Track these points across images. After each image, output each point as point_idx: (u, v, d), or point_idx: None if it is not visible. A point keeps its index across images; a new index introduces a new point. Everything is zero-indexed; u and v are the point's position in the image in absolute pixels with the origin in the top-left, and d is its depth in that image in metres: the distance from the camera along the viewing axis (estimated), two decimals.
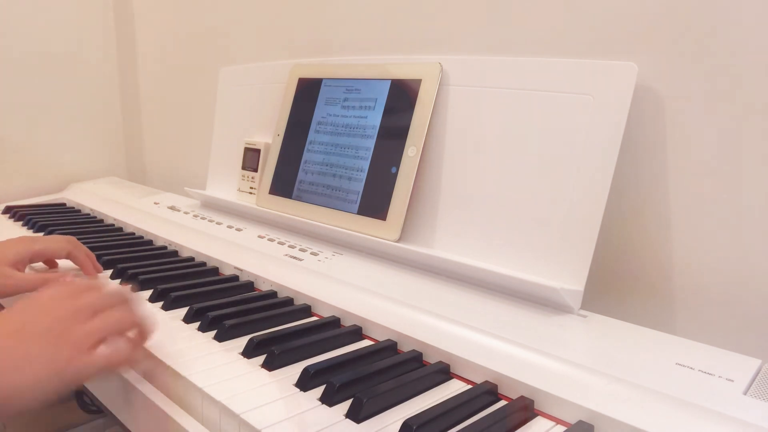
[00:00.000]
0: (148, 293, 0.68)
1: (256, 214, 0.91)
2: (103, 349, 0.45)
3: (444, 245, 0.70)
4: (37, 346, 0.42)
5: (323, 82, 0.86)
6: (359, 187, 0.77)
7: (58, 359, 0.42)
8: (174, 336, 0.57)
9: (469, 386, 0.50)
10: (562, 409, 0.45)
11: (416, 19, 0.84)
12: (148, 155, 1.50)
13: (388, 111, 0.76)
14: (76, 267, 0.75)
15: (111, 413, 0.56)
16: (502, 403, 0.47)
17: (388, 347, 0.55)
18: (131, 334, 0.50)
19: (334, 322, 0.61)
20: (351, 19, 0.94)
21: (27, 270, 0.72)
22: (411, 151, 0.72)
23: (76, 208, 1.20)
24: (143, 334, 0.50)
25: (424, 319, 0.57)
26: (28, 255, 0.70)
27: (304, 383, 0.48)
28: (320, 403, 0.46)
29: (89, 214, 1.13)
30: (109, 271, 0.76)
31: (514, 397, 0.47)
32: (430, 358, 0.53)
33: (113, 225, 1.03)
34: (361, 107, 0.80)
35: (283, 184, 0.88)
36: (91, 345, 0.44)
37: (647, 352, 0.50)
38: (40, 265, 0.77)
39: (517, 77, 0.65)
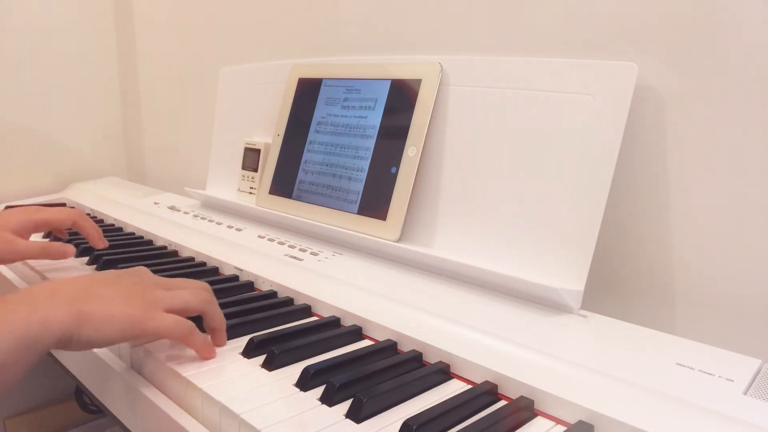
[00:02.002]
0: None
1: (256, 214, 0.91)
2: (170, 316, 0.50)
3: (444, 245, 0.70)
4: (120, 291, 0.50)
5: (323, 82, 0.86)
6: (359, 187, 0.77)
7: (134, 305, 0.49)
8: None
9: (469, 386, 0.50)
10: (562, 409, 0.45)
11: (416, 19, 0.84)
12: (148, 155, 1.50)
13: (388, 111, 0.76)
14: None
15: (111, 413, 0.56)
16: (502, 403, 0.47)
17: (388, 347, 0.55)
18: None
19: (334, 322, 0.61)
20: (351, 19, 0.94)
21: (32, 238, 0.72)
22: (411, 151, 0.72)
23: (76, 208, 1.20)
24: (214, 321, 0.54)
25: (424, 319, 0.57)
26: (31, 223, 0.69)
27: (304, 383, 0.48)
28: (320, 403, 0.46)
29: (89, 214, 1.13)
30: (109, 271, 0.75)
31: (514, 397, 0.47)
32: (430, 358, 0.53)
33: (113, 225, 1.03)
34: (361, 107, 0.80)
35: (283, 184, 0.88)
36: (163, 308, 0.50)
37: (647, 352, 0.50)
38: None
39: (518, 77, 0.65)
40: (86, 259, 0.80)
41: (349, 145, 0.80)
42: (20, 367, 0.43)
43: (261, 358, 0.53)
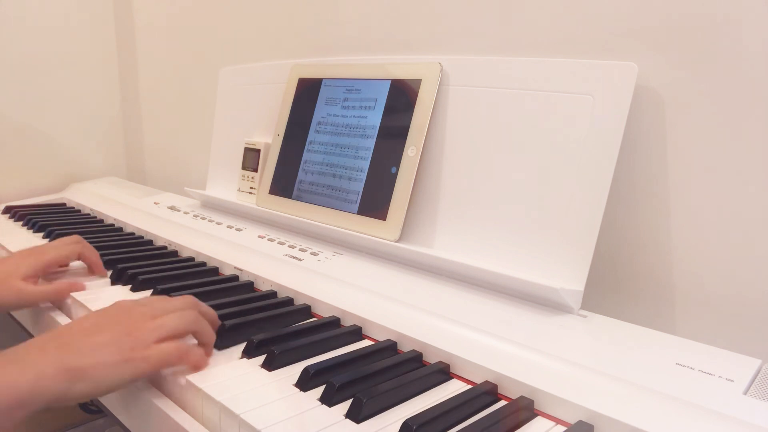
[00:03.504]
0: (148, 293, 0.68)
1: (256, 214, 0.91)
2: (164, 346, 0.49)
3: (444, 245, 0.70)
4: (108, 337, 0.48)
5: (323, 82, 0.86)
6: (359, 187, 0.77)
7: (124, 348, 0.47)
8: None
9: (469, 386, 0.50)
10: (562, 409, 0.45)
11: (416, 19, 0.84)
12: (148, 155, 1.50)
13: (388, 111, 0.76)
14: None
15: (111, 413, 0.56)
16: (502, 403, 0.47)
17: (388, 347, 0.55)
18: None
19: (334, 322, 0.61)
20: (351, 19, 0.94)
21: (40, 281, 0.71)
22: (411, 151, 0.72)
23: (76, 208, 1.20)
24: (204, 337, 0.53)
25: (424, 319, 0.57)
26: (41, 267, 0.69)
27: (304, 383, 0.48)
28: (320, 403, 0.46)
29: (89, 214, 1.13)
30: (109, 271, 0.76)
31: (514, 397, 0.47)
32: (430, 358, 0.53)
33: (113, 225, 1.03)
34: (361, 107, 0.80)
35: (283, 184, 0.88)
36: (153, 341, 0.49)
37: (647, 352, 0.50)
38: None
39: (518, 77, 0.65)
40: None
41: (349, 145, 0.80)
42: (8, 426, 0.43)
43: (261, 359, 0.53)
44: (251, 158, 0.96)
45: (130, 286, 0.70)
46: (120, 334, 0.49)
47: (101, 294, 0.68)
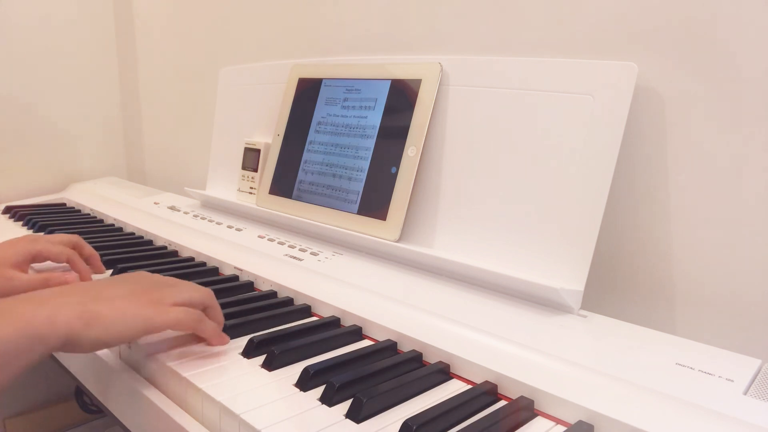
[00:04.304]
0: None
1: (256, 214, 0.91)
2: (180, 308, 0.51)
3: (444, 245, 0.70)
4: (127, 289, 0.51)
5: (323, 82, 0.86)
6: (359, 187, 0.77)
7: (141, 302, 0.50)
8: (174, 336, 0.57)
9: (469, 386, 0.50)
10: (562, 409, 0.45)
11: (416, 19, 0.84)
12: (148, 155, 1.50)
13: (388, 111, 0.76)
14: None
15: (111, 413, 0.56)
16: (502, 403, 0.47)
17: (388, 347, 0.55)
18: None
19: (334, 322, 0.61)
20: (351, 19, 0.94)
21: (30, 270, 0.72)
22: (411, 151, 0.72)
23: (76, 208, 1.20)
24: (217, 316, 0.56)
25: (424, 319, 0.57)
26: (29, 255, 0.69)
27: (304, 383, 0.48)
28: (320, 403, 0.46)
29: (89, 214, 1.13)
30: (109, 271, 0.76)
31: (514, 397, 0.47)
32: (430, 358, 0.53)
33: (113, 225, 1.03)
34: (361, 107, 0.80)
35: (283, 184, 0.88)
36: (170, 303, 0.51)
37: (647, 352, 0.50)
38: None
39: (518, 77, 0.65)
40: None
41: (349, 145, 0.80)
42: (20, 362, 0.42)
43: (261, 358, 0.53)
44: (251, 158, 0.96)
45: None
46: (139, 291, 0.51)
47: None
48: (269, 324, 0.60)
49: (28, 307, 0.44)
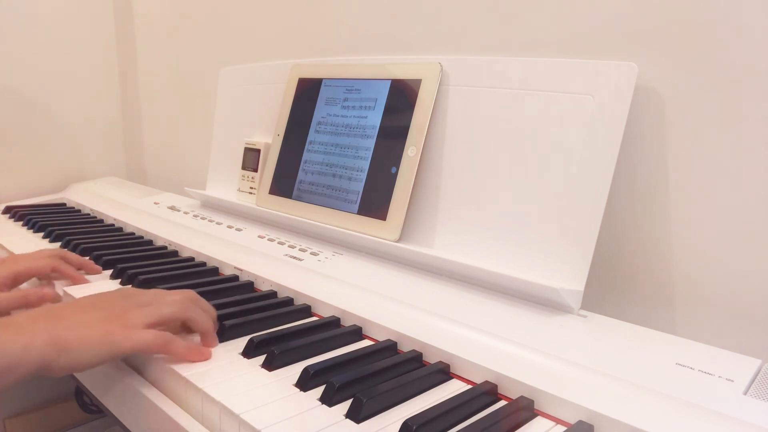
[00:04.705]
0: None
1: (256, 214, 0.91)
2: (147, 331, 0.51)
3: (444, 245, 0.70)
4: (97, 315, 0.51)
5: (323, 82, 0.86)
6: (359, 187, 0.77)
7: (111, 328, 0.49)
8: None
9: (469, 386, 0.50)
10: (562, 409, 0.45)
11: (416, 19, 0.84)
12: (148, 155, 1.50)
13: (388, 111, 0.76)
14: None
15: (111, 413, 0.56)
16: (502, 403, 0.47)
17: (388, 347, 0.55)
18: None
19: (334, 322, 0.61)
20: (351, 19, 0.94)
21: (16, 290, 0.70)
22: (411, 151, 0.72)
23: (76, 208, 1.20)
24: (199, 325, 0.55)
25: (424, 319, 0.57)
26: (11, 276, 0.68)
27: (304, 383, 0.48)
28: (320, 403, 0.46)
29: (89, 214, 1.13)
30: (109, 271, 0.76)
31: (514, 397, 0.47)
32: (430, 358, 0.53)
33: (113, 225, 1.03)
34: (361, 107, 0.80)
35: (283, 184, 0.88)
36: (140, 325, 0.51)
37: (647, 352, 0.50)
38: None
39: (517, 77, 0.65)
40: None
41: (349, 145, 0.80)
42: None
43: (261, 358, 0.53)
44: (251, 158, 0.96)
45: (129, 287, 0.70)
46: (109, 314, 0.51)
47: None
48: (269, 324, 0.60)
49: (3, 337, 0.45)
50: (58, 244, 0.90)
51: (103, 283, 0.73)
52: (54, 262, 0.71)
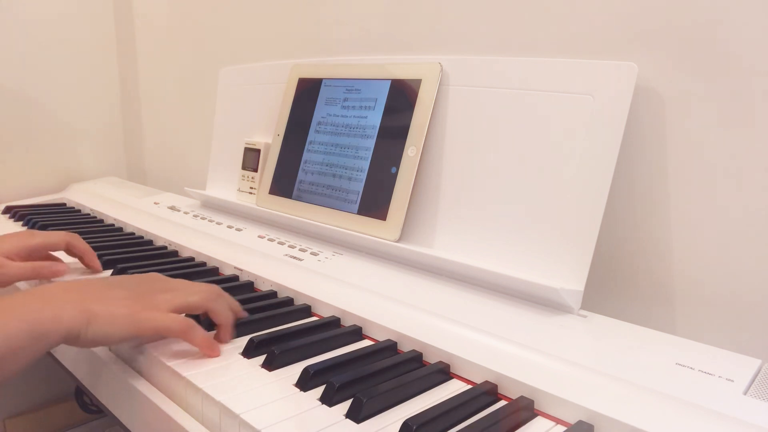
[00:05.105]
0: None
1: (256, 214, 0.91)
2: (171, 314, 0.52)
3: (444, 245, 0.70)
4: (125, 293, 0.52)
5: (323, 82, 0.86)
6: (359, 187, 0.77)
7: (137, 308, 0.51)
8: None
9: (469, 386, 0.50)
10: (562, 409, 0.45)
11: (416, 19, 0.84)
12: (148, 155, 1.50)
13: (388, 111, 0.76)
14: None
15: (111, 413, 0.56)
16: (502, 403, 0.47)
17: (388, 347, 0.55)
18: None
19: (334, 322, 0.61)
20: (351, 19, 0.94)
21: None
22: (411, 151, 0.72)
23: (76, 208, 1.20)
24: (220, 317, 0.56)
25: (424, 319, 0.57)
26: (25, 249, 0.70)
27: (304, 383, 0.48)
28: (320, 403, 0.46)
29: (89, 214, 1.13)
30: (109, 271, 0.76)
31: (514, 397, 0.47)
32: (430, 358, 0.53)
33: (113, 225, 1.03)
34: (361, 107, 0.80)
35: (283, 184, 0.88)
36: (164, 308, 0.52)
37: (647, 352, 0.50)
38: None
39: (517, 77, 0.65)
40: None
41: (349, 145, 0.80)
42: (26, 356, 0.45)
43: (261, 358, 0.53)
44: (251, 158, 0.96)
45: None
46: (136, 294, 0.53)
47: None
48: (269, 324, 0.60)
49: (34, 305, 0.47)
50: None
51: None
52: (68, 238, 0.73)
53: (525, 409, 0.45)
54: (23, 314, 0.45)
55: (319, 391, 0.47)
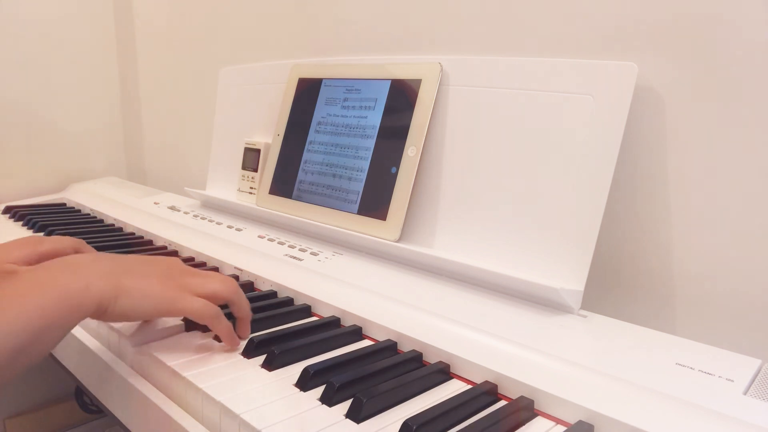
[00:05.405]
0: None
1: (256, 214, 0.91)
2: (199, 300, 0.52)
3: (444, 245, 0.70)
4: (157, 271, 0.53)
5: (323, 82, 0.86)
6: (359, 187, 0.77)
7: (168, 285, 0.52)
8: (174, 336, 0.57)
9: (469, 386, 0.50)
10: (562, 409, 0.45)
11: (416, 19, 0.84)
12: (148, 155, 1.50)
13: (388, 111, 0.76)
14: None
15: (111, 413, 0.56)
16: (502, 403, 0.47)
17: (388, 347, 0.55)
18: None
19: (334, 322, 0.61)
20: (351, 19, 0.94)
21: None
22: (411, 151, 0.72)
23: (76, 208, 1.20)
24: (241, 311, 0.57)
25: (424, 319, 0.57)
26: (34, 256, 0.69)
27: (304, 383, 0.48)
28: (320, 403, 0.46)
29: (89, 214, 1.13)
30: None
31: (514, 397, 0.47)
32: (430, 358, 0.53)
33: (113, 225, 1.03)
34: (361, 107, 0.80)
35: (283, 184, 0.88)
36: (194, 292, 0.53)
37: (647, 352, 0.50)
38: None
39: (517, 77, 0.65)
40: None
41: (349, 145, 0.80)
42: (62, 329, 0.45)
43: (261, 358, 0.53)
44: (251, 158, 0.96)
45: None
46: (168, 275, 0.53)
47: None
48: (269, 324, 0.60)
49: (66, 277, 0.47)
50: None
51: None
52: (76, 245, 0.73)
53: (525, 409, 0.46)
54: (55, 287, 0.45)
55: (319, 391, 0.47)
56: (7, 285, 0.45)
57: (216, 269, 0.77)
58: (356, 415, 0.43)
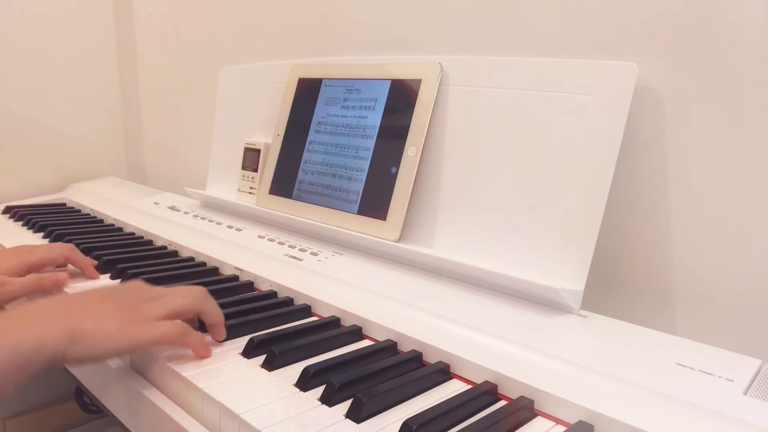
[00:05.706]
0: None
1: (256, 214, 0.91)
2: (163, 323, 0.51)
3: (444, 245, 0.70)
4: (112, 306, 0.50)
5: (323, 82, 0.86)
6: (359, 187, 0.77)
7: (124, 320, 0.49)
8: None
9: (469, 386, 0.50)
10: (562, 409, 0.45)
11: (416, 19, 0.84)
12: (148, 155, 1.50)
13: (388, 111, 0.76)
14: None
15: (111, 413, 0.56)
16: (502, 403, 0.47)
17: (388, 347, 0.55)
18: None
19: (334, 322, 0.61)
20: (351, 19, 0.94)
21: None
22: (411, 151, 0.72)
23: (76, 208, 1.20)
24: (211, 317, 0.55)
25: (424, 319, 0.57)
26: (24, 266, 0.69)
27: (304, 383, 0.48)
28: (320, 403, 0.46)
29: (89, 214, 1.13)
30: (106, 275, 0.75)
31: (514, 397, 0.47)
32: (430, 358, 0.53)
33: (113, 225, 1.03)
34: (361, 107, 0.80)
35: (283, 184, 0.88)
36: (154, 317, 0.51)
37: (647, 352, 0.50)
38: None
39: (517, 77, 0.65)
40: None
41: (349, 145, 0.80)
42: (11, 385, 0.44)
43: (261, 358, 0.53)
44: (251, 158, 0.96)
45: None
46: (124, 306, 0.51)
47: None
48: (269, 324, 0.60)
49: (17, 333, 0.45)
50: None
51: (104, 283, 0.73)
52: (67, 252, 0.73)
53: (525, 409, 0.46)
54: (5, 344, 0.44)
55: (319, 391, 0.47)
56: None
57: (216, 269, 0.77)
58: (356, 415, 0.43)
